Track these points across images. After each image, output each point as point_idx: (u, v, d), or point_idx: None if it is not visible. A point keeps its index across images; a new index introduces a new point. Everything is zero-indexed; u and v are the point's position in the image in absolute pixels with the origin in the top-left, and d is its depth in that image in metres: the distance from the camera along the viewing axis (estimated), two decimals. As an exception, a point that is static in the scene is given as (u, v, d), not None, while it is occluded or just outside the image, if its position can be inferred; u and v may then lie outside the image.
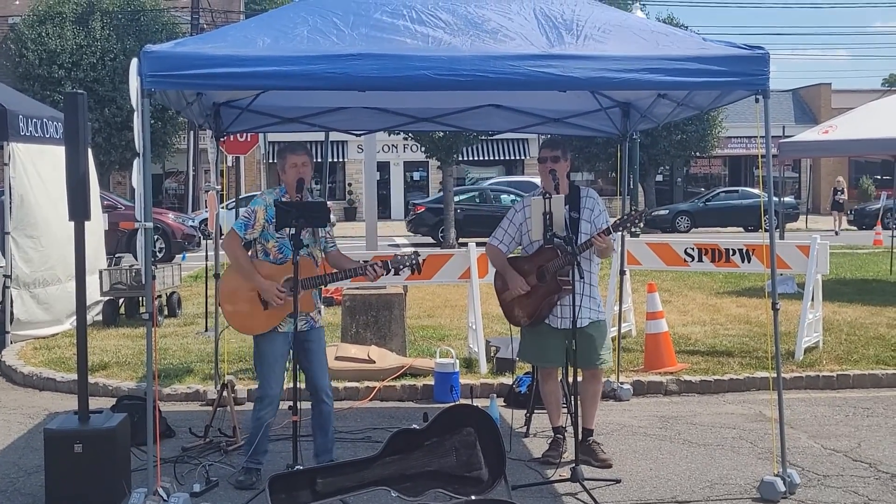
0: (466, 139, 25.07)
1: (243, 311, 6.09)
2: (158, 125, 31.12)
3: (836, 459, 6.60)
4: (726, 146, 44.80)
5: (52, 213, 10.83)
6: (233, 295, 6.15)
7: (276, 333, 6.07)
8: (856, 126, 15.58)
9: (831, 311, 12.16)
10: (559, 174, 6.34)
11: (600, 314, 6.52)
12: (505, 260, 6.57)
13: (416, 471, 5.67)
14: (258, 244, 6.14)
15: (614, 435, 7.27)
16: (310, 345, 6.13)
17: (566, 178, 6.50)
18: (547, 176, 6.38)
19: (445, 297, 14.12)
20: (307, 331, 6.12)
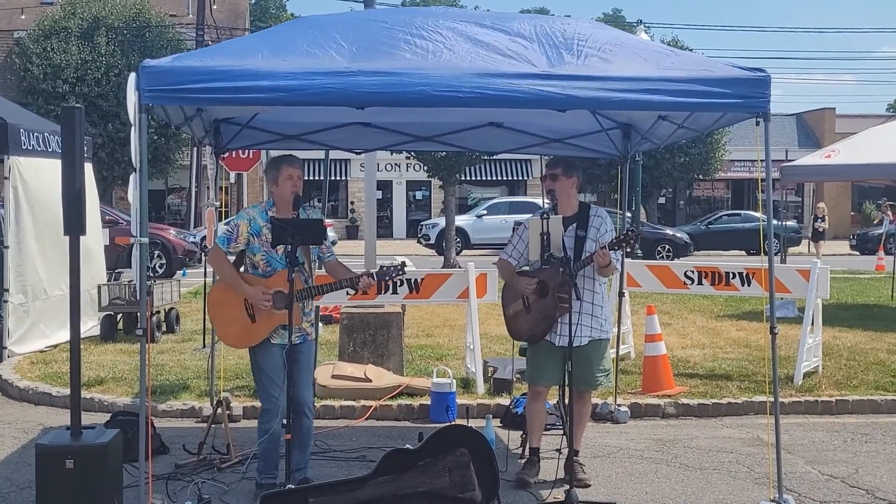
0: (469, 159, 25.07)
1: (232, 325, 6.07)
2: (162, 141, 31.14)
3: (833, 485, 6.54)
4: (729, 169, 44.80)
5: (50, 227, 10.82)
6: (221, 310, 6.13)
7: (270, 345, 6.03)
8: (858, 151, 15.57)
9: (831, 335, 12.11)
10: (557, 193, 6.35)
11: (603, 333, 6.49)
12: (513, 271, 6.61)
13: (409, 491, 5.64)
14: (247, 258, 6.13)
15: (611, 458, 7.22)
16: (299, 356, 6.09)
17: (573, 196, 6.49)
18: (550, 193, 6.38)
19: (444, 316, 14.09)
20: (299, 344, 6.09)
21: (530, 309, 6.40)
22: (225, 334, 6.18)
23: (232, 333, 6.12)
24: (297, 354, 6.08)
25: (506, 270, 6.66)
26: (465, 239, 32.10)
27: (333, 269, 6.25)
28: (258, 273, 6.07)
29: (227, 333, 6.15)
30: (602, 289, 6.52)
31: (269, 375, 6.08)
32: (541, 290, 6.35)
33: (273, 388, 6.07)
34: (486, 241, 32.77)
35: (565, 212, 6.37)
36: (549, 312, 6.32)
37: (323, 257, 6.24)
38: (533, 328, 6.43)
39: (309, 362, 6.23)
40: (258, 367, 6.14)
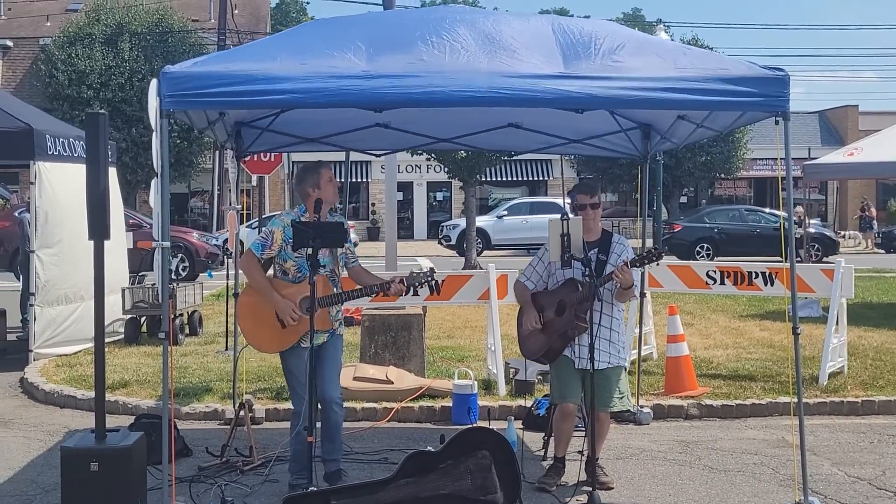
0: (489, 160, 25.05)
1: (262, 330, 6.12)
2: (184, 145, 31.36)
3: (859, 487, 6.49)
4: (751, 168, 44.53)
5: (76, 232, 10.88)
6: (251, 314, 6.18)
7: (300, 349, 6.07)
8: (882, 148, 15.46)
9: (857, 335, 12.01)
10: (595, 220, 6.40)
11: (620, 360, 6.44)
12: (528, 295, 6.57)
13: (431, 493, 5.64)
14: (276, 264, 6.17)
15: (633, 459, 7.20)
16: (325, 350, 6.13)
17: (599, 223, 6.49)
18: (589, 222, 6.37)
19: (465, 317, 14.08)
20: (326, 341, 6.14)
21: (544, 327, 6.39)
22: (255, 339, 6.22)
23: (262, 339, 6.17)
24: (324, 349, 6.12)
25: (521, 295, 6.63)
26: (485, 240, 32.06)
27: (358, 275, 6.29)
28: (287, 279, 6.11)
29: (258, 338, 6.20)
30: (620, 315, 6.49)
31: (300, 378, 6.10)
32: (558, 309, 6.33)
33: (303, 391, 6.09)
34: (507, 242, 32.71)
35: (589, 237, 6.33)
36: (565, 330, 6.30)
37: (347, 263, 6.27)
38: (547, 345, 6.39)
39: (335, 358, 6.25)
40: (288, 370, 6.19)
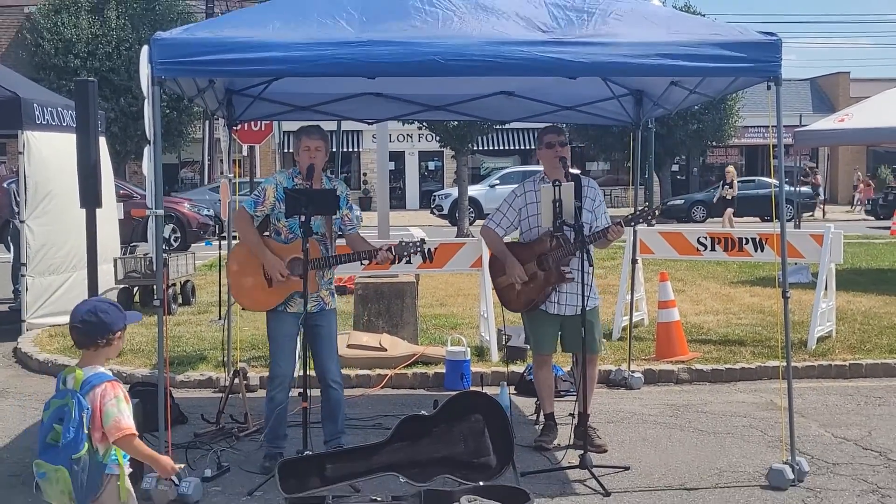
0: (481, 128, 25.02)
1: (248, 287, 6.14)
2: (174, 115, 31.18)
3: (846, 448, 6.58)
4: (743, 136, 44.57)
5: (66, 201, 10.88)
6: (239, 271, 6.20)
7: (285, 314, 6.09)
8: (873, 114, 15.49)
9: (845, 300, 12.11)
10: (557, 162, 6.38)
11: (597, 300, 6.58)
12: (503, 244, 6.59)
13: (425, 457, 5.69)
14: (271, 224, 6.18)
15: (624, 423, 7.28)
16: (320, 329, 6.15)
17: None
18: (553, 161, 6.40)
19: (458, 285, 14.13)
20: (317, 313, 6.13)
21: (528, 281, 6.42)
22: (241, 296, 6.24)
23: (248, 296, 6.19)
24: (318, 327, 6.14)
25: (494, 242, 6.64)
26: (478, 209, 32.08)
27: (354, 241, 6.29)
28: (280, 239, 6.13)
29: (244, 295, 6.22)
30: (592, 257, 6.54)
31: (279, 343, 6.15)
32: (540, 263, 6.37)
33: (280, 357, 6.14)
34: (500, 211, 32.70)
35: (557, 175, 6.34)
36: (550, 283, 6.35)
37: (344, 229, 6.28)
38: (530, 302, 6.45)
39: (330, 334, 6.26)
40: (270, 334, 6.23)
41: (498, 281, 6.63)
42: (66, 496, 3.69)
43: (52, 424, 3.68)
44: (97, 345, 3.86)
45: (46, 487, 3.74)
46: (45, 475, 3.70)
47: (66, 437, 3.62)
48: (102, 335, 3.87)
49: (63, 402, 3.70)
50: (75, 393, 3.70)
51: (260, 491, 5.63)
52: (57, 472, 3.66)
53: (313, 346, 6.14)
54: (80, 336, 3.90)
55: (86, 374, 3.75)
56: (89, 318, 3.88)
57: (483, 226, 6.77)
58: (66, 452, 3.63)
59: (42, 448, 3.72)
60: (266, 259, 6.04)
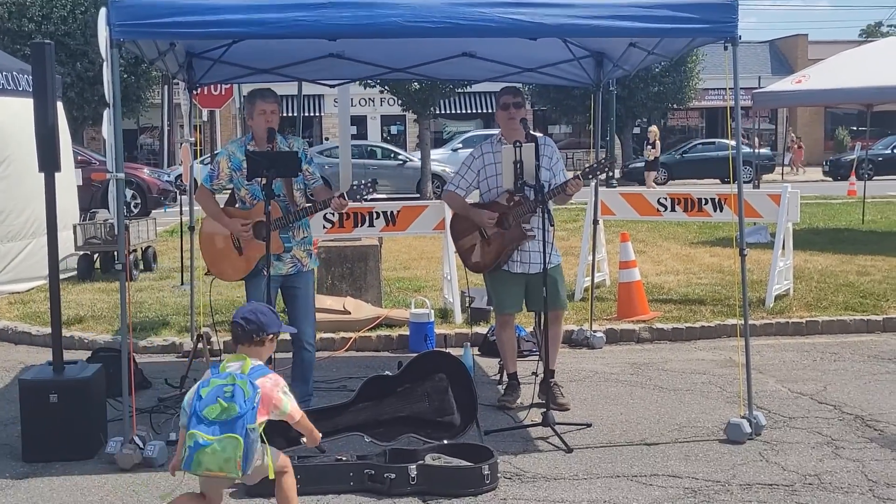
0: (443, 92, 24.99)
1: (221, 258, 6.21)
2: (131, 79, 30.72)
3: (802, 402, 6.72)
4: (703, 98, 44.81)
5: (24, 167, 10.75)
6: (211, 242, 6.26)
7: (261, 277, 6.10)
8: (830, 75, 15.64)
9: (803, 259, 12.29)
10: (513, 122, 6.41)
11: (559, 257, 6.65)
12: (464, 202, 6.64)
13: (389, 416, 5.77)
14: (235, 193, 6.21)
15: (586, 381, 7.38)
16: (296, 290, 6.20)
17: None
18: (512, 122, 6.43)
19: (421, 249, 14.17)
20: (293, 275, 6.17)
21: (490, 241, 6.48)
22: (217, 269, 6.32)
23: (223, 267, 6.27)
24: (294, 289, 6.18)
25: (456, 201, 6.69)
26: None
27: (319, 194, 6.31)
28: (245, 207, 6.15)
29: (219, 268, 6.30)
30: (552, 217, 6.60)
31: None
32: (500, 221, 6.43)
33: None
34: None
35: (515, 137, 6.37)
36: (513, 242, 6.41)
37: (309, 185, 6.29)
38: (493, 261, 6.50)
39: (307, 296, 6.29)
40: (249, 299, 6.24)
41: (460, 243, 6.68)
42: (231, 463, 3.97)
43: (215, 398, 4.01)
44: (252, 341, 4.29)
45: (205, 457, 3.97)
46: (209, 444, 3.96)
47: (241, 410, 3.98)
48: (258, 334, 4.30)
49: (225, 382, 4.05)
50: (244, 376, 4.10)
51: (226, 453, 5.65)
52: (227, 440, 3.96)
53: (289, 308, 6.19)
54: (239, 332, 4.33)
55: (252, 363, 4.18)
56: (250, 317, 4.33)
57: (444, 190, 6.82)
58: (241, 423, 3.98)
59: (197, 421, 4.00)
60: (226, 224, 6.11)
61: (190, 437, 4.01)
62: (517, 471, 5.35)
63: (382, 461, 5.18)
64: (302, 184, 6.27)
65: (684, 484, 5.13)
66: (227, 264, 6.22)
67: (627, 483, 5.16)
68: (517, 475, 5.29)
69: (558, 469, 5.39)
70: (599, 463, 5.49)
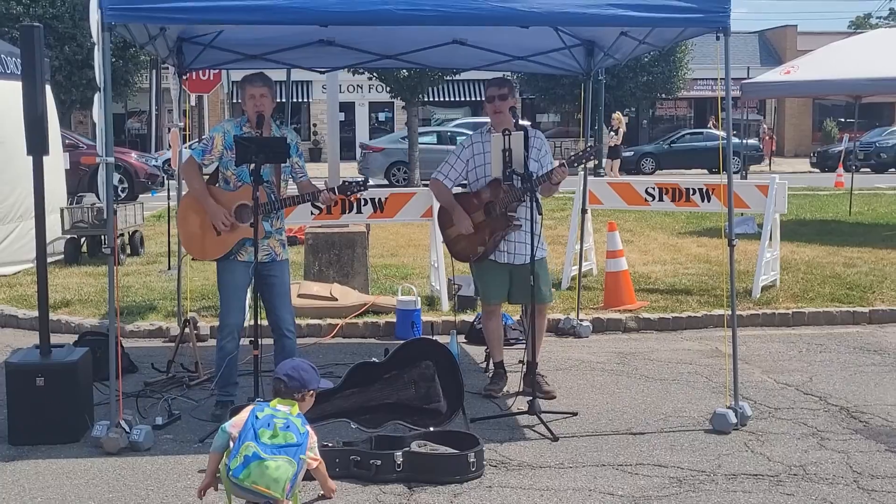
0: (431, 79, 24.92)
1: (197, 236, 6.14)
2: (119, 63, 30.56)
3: (787, 393, 6.76)
4: (692, 88, 44.87)
5: (11, 150, 10.69)
6: (187, 220, 6.20)
7: (235, 262, 6.08)
8: (818, 67, 15.66)
9: (790, 250, 12.34)
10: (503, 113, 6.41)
11: (545, 251, 6.64)
12: (451, 196, 6.63)
13: (376, 403, 5.78)
14: (220, 172, 6.16)
15: (573, 370, 7.40)
16: (272, 279, 6.15)
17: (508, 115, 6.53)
18: (499, 114, 6.43)
19: (408, 236, 14.17)
20: (268, 262, 6.13)
21: (476, 230, 6.48)
22: (190, 245, 6.23)
23: (197, 245, 6.18)
24: (270, 277, 6.14)
25: (442, 193, 6.68)
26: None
27: (303, 189, 6.29)
28: (229, 188, 6.10)
29: (193, 245, 6.21)
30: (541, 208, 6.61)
31: (228, 292, 6.15)
32: (487, 210, 6.43)
33: (230, 306, 6.14)
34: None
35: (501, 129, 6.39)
36: (499, 232, 6.41)
37: (295, 177, 6.27)
38: (482, 248, 6.50)
39: (283, 284, 6.26)
40: (220, 283, 6.23)
41: (447, 232, 6.68)
42: (279, 484, 4.22)
43: (269, 425, 4.31)
44: (293, 397, 4.58)
45: (259, 470, 4.21)
46: (268, 459, 4.22)
47: (298, 440, 4.33)
48: (299, 390, 4.62)
49: (279, 415, 4.38)
50: (296, 416, 4.46)
51: (211, 438, 5.58)
52: (283, 461, 4.25)
53: (266, 297, 6.15)
54: (282, 388, 4.62)
55: (300, 410, 4.55)
56: (293, 374, 4.64)
57: (431, 178, 6.81)
58: (297, 452, 4.32)
59: (254, 437, 4.26)
60: (209, 208, 6.03)
61: (248, 448, 4.25)
62: (503, 459, 5.37)
63: (368, 448, 5.19)
64: (289, 174, 6.25)
65: (669, 473, 5.16)
66: (201, 242, 6.14)
67: (613, 472, 5.18)
68: (503, 463, 5.31)
69: (544, 457, 5.41)
70: (585, 451, 5.51)
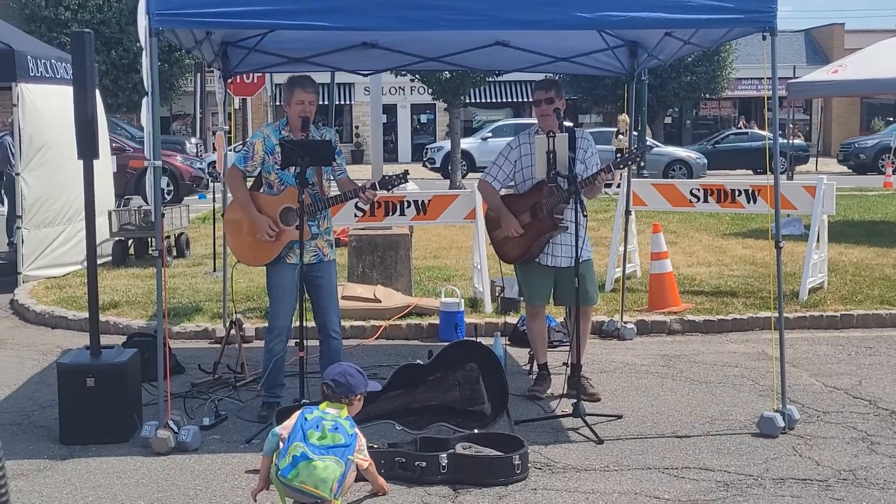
0: (473, 80, 24.92)
1: (246, 243, 6.19)
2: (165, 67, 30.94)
3: (836, 396, 6.68)
4: (736, 88, 44.44)
5: (61, 154, 10.87)
6: (235, 227, 6.27)
7: (283, 265, 6.12)
8: (866, 65, 15.45)
9: (837, 252, 12.18)
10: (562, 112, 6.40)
11: (590, 253, 6.62)
12: (499, 198, 6.64)
13: (420, 405, 5.80)
14: (262, 177, 6.21)
15: (617, 373, 7.36)
16: (320, 280, 6.19)
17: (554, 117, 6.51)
18: (543, 118, 6.42)
19: (451, 238, 14.18)
20: (315, 264, 6.17)
21: (523, 231, 6.47)
22: (240, 253, 6.30)
23: (247, 252, 6.23)
24: (317, 279, 6.18)
25: (490, 196, 6.70)
26: (470, 162, 32.02)
27: (343, 186, 6.32)
28: (272, 192, 6.15)
29: (243, 252, 6.27)
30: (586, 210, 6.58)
31: (277, 295, 6.19)
32: (533, 212, 6.42)
33: (280, 309, 6.18)
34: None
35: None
36: (546, 234, 6.40)
37: (334, 175, 6.30)
38: (529, 251, 6.49)
39: (331, 285, 6.29)
40: (269, 286, 6.28)
41: (494, 234, 6.69)
42: (327, 484, 4.31)
43: (318, 426, 4.42)
44: (340, 402, 4.67)
45: (307, 470, 4.31)
46: (314, 461, 4.32)
47: (346, 441, 4.43)
48: (347, 395, 4.71)
49: (328, 417, 4.49)
50: (348, 418, 4.58)
51: (257, 439, 5.69)
52: (331, 461, 4.35)
53: (313, 297, 6.19)
54: (329, 392, 4.71)
55: (349, 414, 4.64)
56: (339, 380, 4.73)
57: (480, 180, 6.82)
58: (345, 453, 4.41)
59: (303, 438, 4.38)
60: (253, 219, 6.07)
61: (296, 448, 4.34)
62: (547, 461, 5.36)
63: (413, 449, 5.20)
64: (330, 174, 6.29)
65: (716, 477, 5.12)
66: (250, 249, 6.20)
67: (658, 475, 5.16)
68: (548, 465, 5.30)
69: (589, 460, 5.39)
70: (630, 455, 5.48)
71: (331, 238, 6.36)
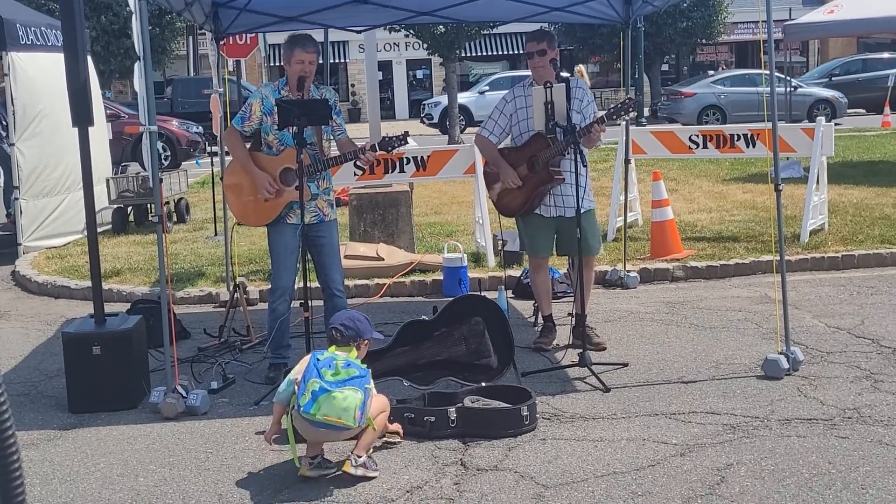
0: (468, 34, 24.70)
1: (245, 202, 6.18)
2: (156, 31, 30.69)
3: (839, 337, 6.70)
4: (732, 32, 44.02)
5: (56, 122, 10.82)
6: (235, 188, 6.25)
7: (284, 225, 6.12)
8: (862, 5, 15.35)
9: (837, 193, 12.16)
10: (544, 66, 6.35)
11: (592, 203, 6.59)
12: (496, 151, 6.61)
13: (427, 360, 5.82)
14: (261, 138, 6.18)
15: (621, 322, 7.38)
16: (321, 239, 6.18)
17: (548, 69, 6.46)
18: (541, 69, 6.37)
19: (452, 194, 14.16)
20: (317, 223, 6.16)
21: (522, 184, 6.45)
22: (240, 213, 6.29)
23: (246, 212, 6.23)
24: (319, 238, 6.17)
25: (487, 149, 6.67)
26: (468, 116, 31.82)
27: (343, 146, 6.28)
28: (272, 152, 6.12)
29: (242, 212, 6.27)
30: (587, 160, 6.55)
31: (278, 255, 6.19)
32: (531, 165, 6.39)
33: (281, 269, 6.18)
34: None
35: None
36: (543, 186, 6.38)
37: (334, 135, 6.27)
38: (528, 203, 6.48)
39: (332, 244, 6.29)
40: (270, 246, 6.28)
41: (493, 188, 6.67)
42: (349, 413, 4.42)
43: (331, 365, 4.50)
44: (349, 346, 4.72)
45: (330, 402, 4.41)
46: (334, 392, 4.42)
47: (360, 372, 4.53)
48: (355, 340, 4.76)
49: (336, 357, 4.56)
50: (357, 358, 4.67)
51: (266, 401, 5.72)
52: (350, 391, 4.45)
53: (315, 257, 6.19)
54: (338, 336, 4.76)
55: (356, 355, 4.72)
56: (348, 324, 4.78)
57: (476, 134, 6.79)
58: (362, 382, 4.51)
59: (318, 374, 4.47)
60: (254, 175, 6.06)
61: (314, 384, 4.43)
62: (555, 411, 5.39)
63: (422, 405, 5.23)
64: (328, 134, 6.26)
65: (723, 420, 5.15)
66: (250, 209, 6.20)
67: (666, 421, 5.19)
68: (556, 415, 5.33)
69: (596, 409, 5.42)
70: (637, 402, 5.51)
71: (331, 198, 6.34)
